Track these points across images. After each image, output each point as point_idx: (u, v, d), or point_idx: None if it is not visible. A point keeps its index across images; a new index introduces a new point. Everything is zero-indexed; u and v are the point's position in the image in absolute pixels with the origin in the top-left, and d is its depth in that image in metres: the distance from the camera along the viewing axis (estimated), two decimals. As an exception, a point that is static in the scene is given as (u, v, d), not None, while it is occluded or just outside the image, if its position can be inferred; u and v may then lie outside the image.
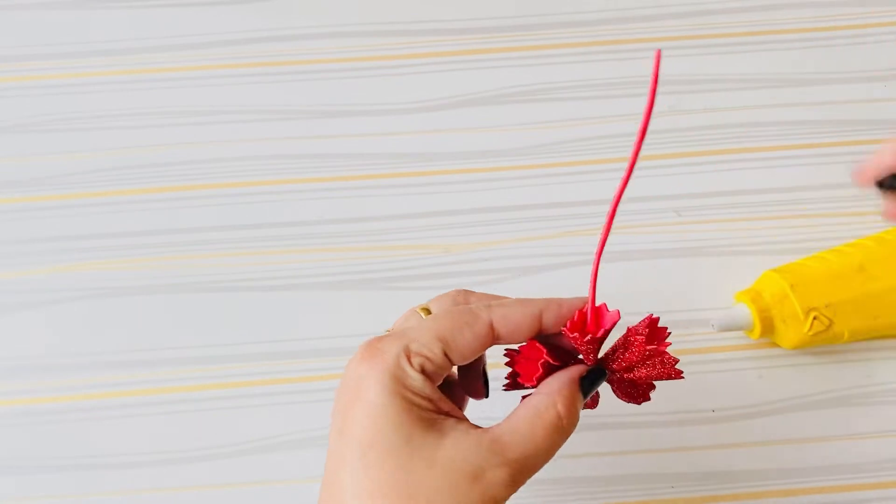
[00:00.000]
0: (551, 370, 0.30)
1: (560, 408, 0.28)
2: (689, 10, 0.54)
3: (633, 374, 0.30)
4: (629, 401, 0.31)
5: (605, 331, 0.29)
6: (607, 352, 0.30)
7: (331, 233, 0.48)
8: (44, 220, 0.49)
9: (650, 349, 0.29)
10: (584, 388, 0.29)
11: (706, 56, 0.53)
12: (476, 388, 0.32)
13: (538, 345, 0.29)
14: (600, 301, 0.29)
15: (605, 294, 0.31)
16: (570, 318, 0.29)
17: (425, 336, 0.28)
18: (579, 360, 0.30)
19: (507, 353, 0.31)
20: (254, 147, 0.51)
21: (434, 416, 0.27)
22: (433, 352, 0.27)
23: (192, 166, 0.50)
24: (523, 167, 0.50)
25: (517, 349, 0.31)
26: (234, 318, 0.46)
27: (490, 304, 0.29)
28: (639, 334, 0.29)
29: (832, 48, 0.53)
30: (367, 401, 0.27)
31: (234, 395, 0.45)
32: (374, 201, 0.49)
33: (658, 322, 0.29)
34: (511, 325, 0.29)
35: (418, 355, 0.27)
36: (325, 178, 0.50)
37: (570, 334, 0.29)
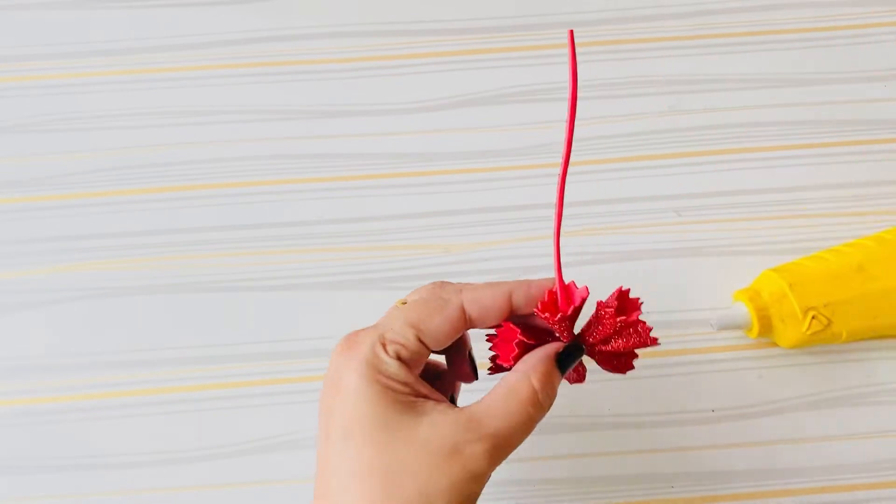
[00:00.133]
0: (528, 349, 0.30)
1: (535, 383, 0.29)
2: (689, 10, 0.54)
3: (611, 346, 0.30)
4: (614, 371, 0.31)
5: (576, 308, 0.29)
6: (583, 327, 0.31)
7: (331, 233, 0.48)
8: (44, 220, 0.49)
9: (621, 320, 0.29)
10: (561, 363, 0.30)
11: (706, 56, 0.53)
12: (464, 371, 0.33)
13: (512, 326, 0.30)
14: (569, 280, 0.30)
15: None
16: (540, 297, 0.30)
17: (398, 324, 0.29)
18: (556, 338, 0.31)
19: (487, 337, 0.32)
20: (254, 147, 0.51)
21: (411, 399, 0.28)
22: (406, 338, 0.29)
23: (192, 166, 0.50)
24: (523, 167, 0.50)
25: (496, 332, 0.31)
26: (234, 318, 0.46)
27: (459, 289, 0.30)
28: (608, 307, 0.30)
29: (832, 48, 0.53)
30: (346, 389, 0.28)
31: (234, 395, 0.45)
32: (374, 201, 0.49)
33: (629, 293, 0.30)
34: (481, 307, 0.30)
35: (393, 343, 0.29)
36: (325, 178, 0.50)
37: (542, 314, 0.29)
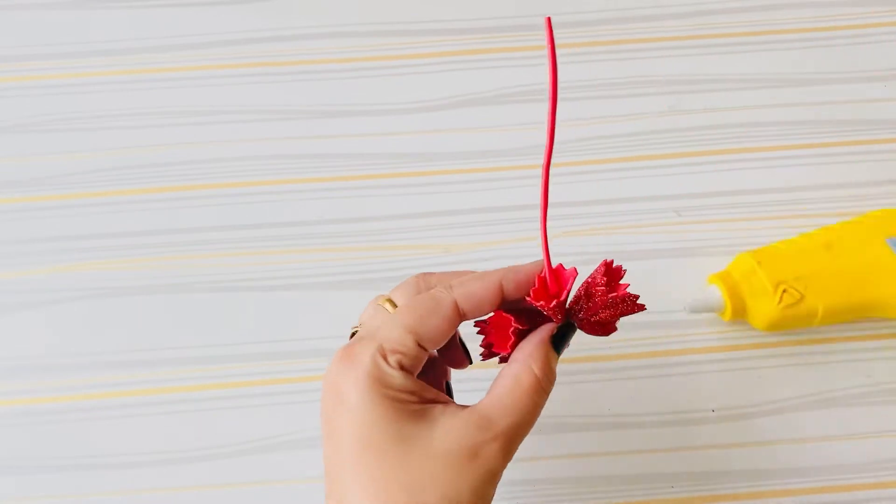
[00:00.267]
0: (522, 335, 0.31)
1: (536, 370, 0.29)
2: (689, 10, 0.54)
3: (599, 317, 0.31)
4: (598, 334, 0.32)
5: (567, 291, 0.30)
6: (571, 303, 0.31)
7: (331, 233, 0.48)
8: (44, 220, 0.49)
9: (612, 296, 0.30)
10: (556, 345, 0.30)
11: (706, 56, 0.53)
12: (458, 358, 0.33)
13: (505, 314, 0.30)
14: (555, 263, 0.30)
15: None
16: (528, 282, 0.30)
17: (396, 332, 0.28)
18: (546, 318, 0.31)
19: (477, 324, 0.32)
20: (254, 147, 0.51)
21: (421, 407, 0.28)
22: (407, 346, 0.28)
23: (192, 166, 0.50)
24: (523, 167, 0.50)
25: (486, 320, 0.31)
26: (234, 318, 0.46)
27: (451, 285, 0.30)
28: (599, 286, 0.30)
29: (832, 48, 0.53)
30: (352, 406, 0.27)
31: (234, 395, 0.45)
32: (374, 201, 0.49)
33: (612, 264, 0.30)
34: (474, 301, 0.30)
35: (393, 353, 0.28)
36: (325, 178, 0.50)
37: (536, 302, 0.29)
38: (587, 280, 0.30)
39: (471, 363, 0.33)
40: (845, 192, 0.49)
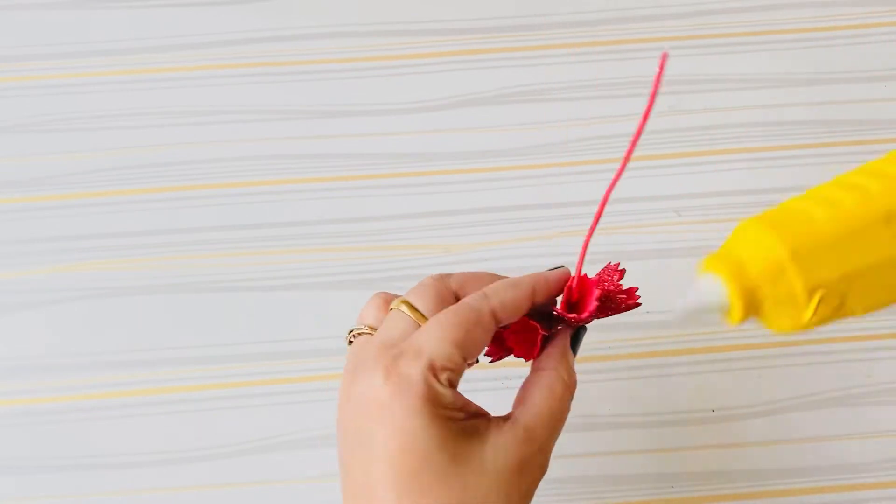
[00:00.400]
0: (545, 341, 0.31)
1: (566, 378, 0.30)
2: (689, 10, 0.54)
3: (603, 314, 0.32)
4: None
5: (596, 301, 0.30)
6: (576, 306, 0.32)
7: (331, 233, 0.48)
8: (44, 220, 0.49)
9: (628, 304, 0.31)
10: (574, 347, 0.32)
11: (706, 56, 0.53)
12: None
13: (532, 322, 0.30)
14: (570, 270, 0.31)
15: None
16: (556, 290, 0.31)
17: (444, 347, 0.27)
18: (556, 319, 0.32)
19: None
20: (254, 147, 0.51)
21: (469, 424, 0.27)
22: (456, 363, 0.27)
23: (192, 166, 0.50)
24: (523, 167, 0.50)
25: (505, 326, 0.31)
26: (234, 318, 0.46)
27: (486, 295, 0.29)
28: (621, 295, 0.31)
29: (832, 48, 0.53)
30: (401, 428, 0.26)
31: (234, 395, 0.45)
32: (374, 201, 0.49)
33: (618, 267, 0.32)
34: (510, 311, 0.29)
35: (443, 370, 0.27)
36: (325, 178, 0.50)
37: (569, 315, 0.30)
38: (603, 293, 0.31)
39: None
40: (845, 192, 0.49)
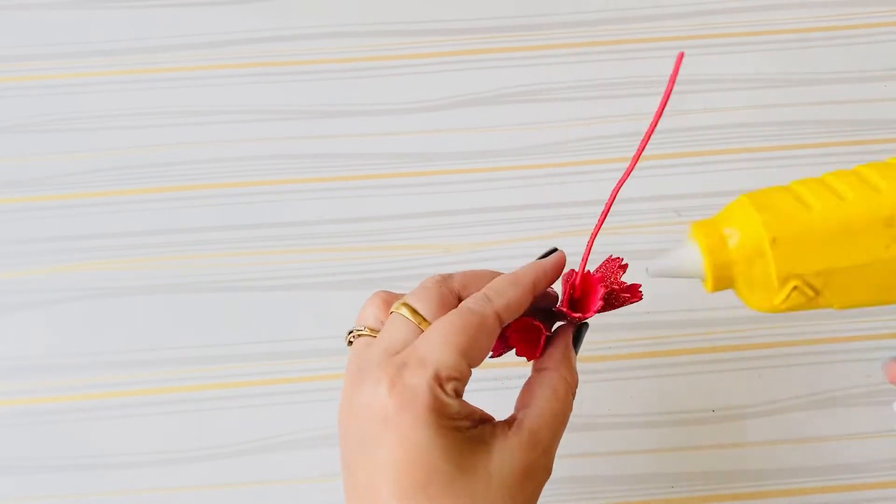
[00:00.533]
0: (546, 340, 0.31)
1: (568, 377, 0.30)
2: (689, 10, 0.54)
3: (605, 310, 0.31)
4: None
5: (601, 298, 0.30)
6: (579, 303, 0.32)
7: (331, 233, 0.48)
8: (44, 220, 0.49)
9: (634, 301, 0.31)
10: (576, 345, 0.31)
11: (706, 56, 0.53)
12: None
13: (535, 322, 0.30)
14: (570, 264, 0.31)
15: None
16: (553, 282, 0.31)
17: (449, 356, 0.26)
18: (555, 315, 0.32)
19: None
20: (254, 147, 0.51)
21: (474, 432, 0.27)
22: (461, 371, 0.26)
23: (192, 166, 0.50)
24: (523, 167, 0.50)
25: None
26: (234, 318, 0.46)
27: (488, 297, 0.28)
28: (624, 293, 0.31)
29: (832, 48, 0.53)
30: (406, 440, 0.25)
31: (234, 395, 0.45)
32: (374, 201, 0.49)
33: (622, 261, 0.31)
34: (513, 312, 0.29)
35: (449, 379, 0.26)
36: (325, 178, 0.50)
37: (573, 314, 0.30)
38: (607, 290, 0.31)
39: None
40: (845, 192, 0.49)
